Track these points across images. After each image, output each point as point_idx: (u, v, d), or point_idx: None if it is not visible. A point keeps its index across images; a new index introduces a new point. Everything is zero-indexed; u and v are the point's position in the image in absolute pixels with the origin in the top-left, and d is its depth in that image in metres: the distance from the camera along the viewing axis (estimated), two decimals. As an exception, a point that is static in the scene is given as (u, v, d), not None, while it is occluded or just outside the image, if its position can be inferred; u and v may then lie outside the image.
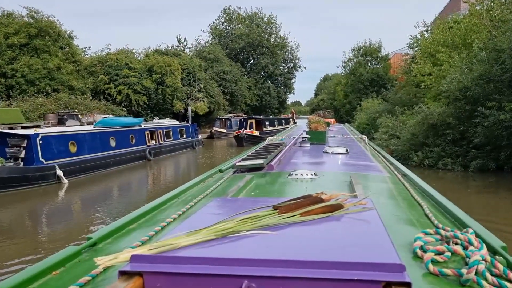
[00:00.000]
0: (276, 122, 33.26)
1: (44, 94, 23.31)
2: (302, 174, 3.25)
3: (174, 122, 24.71)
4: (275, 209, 1.59)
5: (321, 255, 1.18)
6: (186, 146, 24.14)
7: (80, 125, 16.28)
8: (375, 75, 41.35)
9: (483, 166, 12.57)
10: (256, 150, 5.21)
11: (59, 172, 12.81)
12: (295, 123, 33.20)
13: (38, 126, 14.34)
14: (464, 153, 13.48)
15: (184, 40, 43.45)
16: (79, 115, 17.46)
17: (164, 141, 21.28)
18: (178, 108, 31.60)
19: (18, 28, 23.78)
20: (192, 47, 45.93)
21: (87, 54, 33.42)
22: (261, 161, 3.73)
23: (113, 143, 16.51)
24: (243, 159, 4.20)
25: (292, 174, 3.31)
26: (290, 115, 45.40)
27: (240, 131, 26.52)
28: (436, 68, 20.59)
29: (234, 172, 3.75)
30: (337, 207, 1.64)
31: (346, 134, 9.32)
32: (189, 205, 2.37)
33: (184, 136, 24.25)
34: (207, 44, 48.23)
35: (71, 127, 14.94)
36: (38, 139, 12.51)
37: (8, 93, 23.37)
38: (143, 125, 19.49)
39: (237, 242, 1.31)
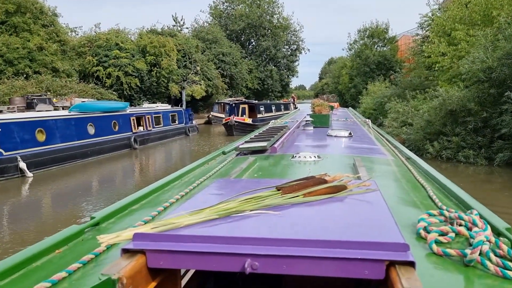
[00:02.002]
0: (273, 108, 29.72)
1: (24, 76, 21.57)
2: (305, 157, 3.22)
3: (166, 107, 22.97)
4: (278, 190, 1.58)
5: (324, 234, 1.18)
6: (178, 133, 22.45)
7: (54, 110, 14.56)
8: (382, 57, 39.30)
9: (511, 159, 10.81)
10: (259, 133, 5.19)
11: (22, 165, 11.18)
12: (296, 108, 31.19)
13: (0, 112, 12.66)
14: (488, 144, 11.70)
15: (181, 20, 41.42)
16: (53, 99, 15.72)
17: (153, 127, 19.58)
18: (174, 91, 29.80)
19: (-5, 4, 21.91)
20: (190, 27, 43.92)
21: (78, 34, 31.64)
22: (264, 144, 3.70)
23: (91, 130, 14.83)
24: (246, 142, 4.17)
25: (295, 156, 3.27)
26: (290, 99, 42.13)
27: (229, 118, 23.19)
28: (452, 48, 18.67)
29: (237, 155, 3.71)
30: (341, 188, 1.64)
31: (349, 118, 9.07)
32: (192, 186, 2.31)
33: (177, 122, 22.53)
34: (206, 24, 46.07)
35: (41, 113, 13.24)
36: (-5, 126, 10.85)
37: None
38: (128, 110, 17.77)
39: (240, 221, 1.31)
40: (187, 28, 42.54)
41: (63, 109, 15.07)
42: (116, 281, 1.02)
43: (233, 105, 25.97)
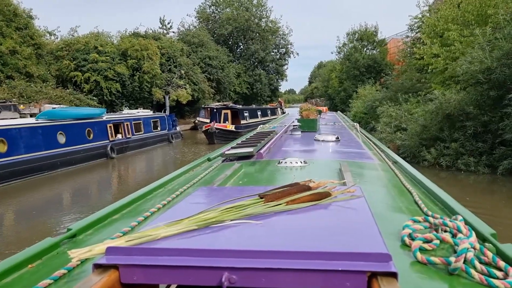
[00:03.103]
0: (259, 113, 27.74)
1: (-4, 81, 20.37)
2: (291, 162, 3.19)
3: (147, 113, 21.85)
4: (261, 198, 1.54)
5: (305, 245, 1.15)
6: (161, 140, 21.33)
7: (21, 117, 13.41)
8: (371, 60, 38.75)
9: (516, 168, 9.95)
10: (246, 138, 5.15)
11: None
12: (283, 113, 30.14)
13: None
14: (489, 150, 10.83)
15: (169, 23, 40.41)
16: (19, 106, 14.56)
17: (133, 134, 18.45)
18: (158, 96, 28.67)
19: (-35, 6, 20.69)
20: (177, 31, 42.87)
21: (57, 38, 30.43)
22: (250, 149, 3.66)
23: (62, 139, 13.68)
24: (232, 148, 4.11)
25: (282, 162, 3.24)
26: (277, 104, 40.79)
27: (210, 125, 20.85)
28: (445, 49, 17.90)
29: (223, 161, 3.66)
30: (325, 195, 1.61)
31: (337, 122, 9.01)
32: (175, 195, 2.27)
33: (159, 128, 21.42)
34: (191, 27, 45.06)
35: (2, 121, 12.09)
36: None
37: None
38: (104, 117, 16.63)
39: (219, 232, 1.26)
40: (173, 32, 41.58)
41: (31, 116, 13.91)
42: None
43: (215, 110, 23.98)
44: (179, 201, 1.79)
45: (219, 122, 22.37)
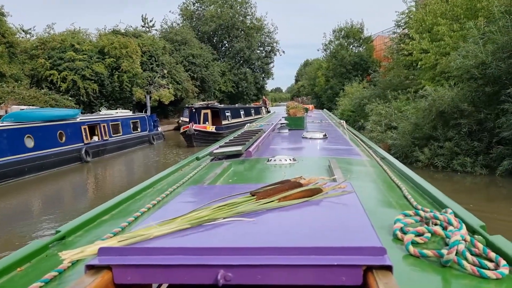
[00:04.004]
0: (242, 113, 25.92)
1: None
2: (280, 160, 3.18)
3: (126, 113, 20.88)
4: (253, 195, 1.54)
5: (300, 241, 1.15)
6: (141, 142, 20.39)
7: (-16, 120, 12.40)
8: (358, 58, 38.31)
9: (515, 168, 9.33)
10: (234, 137, 5.15)
11: None
12: (268, 112, 29.27)
13: None
14: (486, 150, 10.21)
15: (151, 21, 39.31)
16: (-19, 108, 13.56)
17: (110, 136, 17.49)
18: (139, 96, 27.63)
19: None
20: (160, 29, 41.76)
21: (33, 37, 29.17)
22: (239, 148, 3.65)
23: (30, 143, 12.70)
24: (220, 146, 4.09)
25: (271, 160, 3.23)
26: (261, 103, 39.26)
27: (188, 126, 19.08)
28: (435, 44, 17.34)
29: (211, 160, 3.63)
30: (316, 191, 1.62)
31: (324, 120, 8.94)
32: (165, 194, 2.25)
33: (139, 129, 20.47)
34: (175, 25, 44.01)
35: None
36: None
37: None
38: (79, 118, 15.65)
39: (212, 230, 1.26)
40: (156, 30, 40.48)
41: (-4, 119, 12.90)
42: None
43: (194, 110, 22.06)
44: (170, 201, 1.79)
45: (199, 123, 20.85)
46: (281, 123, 6.35)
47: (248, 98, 49.95)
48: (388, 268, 1.00)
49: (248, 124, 8.05)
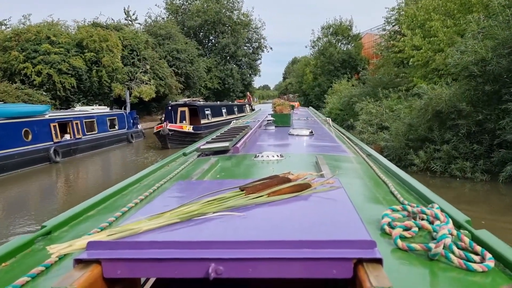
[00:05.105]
0: (224, 111, 23.85)
1: None
2: (268, 156, 3.17)
3: (103, 110, 19.73)
4: (242, 190, 1.55)
5: (290, 234, 1.15)
6: (118, 140, 19.28)
7: None
8: (346, 55, 37.67)
9: (519, 174, 8.54)
10: (220, 133, 5.09)
11: None
12: (253, 109, 28.10)
13: None
14: (486, 153, 9.43)
15: (133, 14, 37.96)
16: None
17: (84, 134, 16.37)
18: (118, 92, 26.40)
19: None
20: (144, 23, 40.43)
21: (9, 28, 27.74)
22: (226, 144, 3.63)
23: (-11, 141, 11.57)
24: (207, 142, 4.06)
25: (258, 156, 3.22)
26: (245, 100, 37.23)
27: (161, 126, 17.25)
28: (427, 40, 16.61)
29: (198, 156, 3.60)
30: (305, 186, 1.63)
31: (310, 117, 8.88)
32: (152, 190, 2.23)
33: (117, 127, 19.36)
34: (159, 19, 42.70)
35: None
36: None
37: None
38: (48, 115, 14.49)
39: (202, 224, 1.27)
40: (139, 23, 39.15)
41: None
42: None
43: (170, 108, 19.99)
44: (158, 195, 1.78)
45: (175, 122, 18.88)
46: (267, 120, 6.31)
47: (235, 95, 48.93)
48: (378, 261, 1.01)
49: (234, 121, 8.07)
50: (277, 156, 3.19)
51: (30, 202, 10.24)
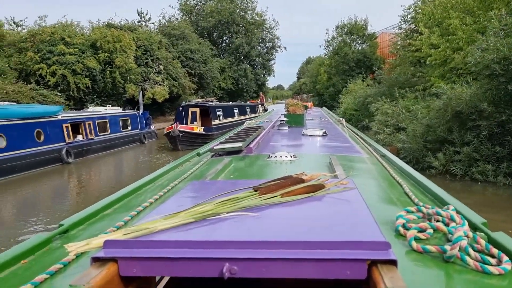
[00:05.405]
0: (236, 111, 23.32)
1: None
2: (281, 156, 3.18)
3: (116, 110, 19.70)
4: (256, 191, 1.55)
5: (304, 235, 1.15)
6: (131, 141, 19.23)
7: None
8: (361, 55, 37.14)
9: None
10: (234, 134, 5.10)
11: None
12: (265, 110, 27.73)
13: None
14: (510, 156, 9.01)
15: (146, 14, 38.07)
16: None
17: (96, 135, 16.33)
18: (132, 93, 26.41)
19: None
20: (156, 22, 40.54)
21: (25, 29, 28.00)
22: (239, 144, 3.65)
23: (1, 142, 11.55)
24: (221, 142, 4.08)
25: (272, 156, 3.23)
26: (258, 100, 36.52)
27: (172, 127, 17.05)
28: (445, 38, 16.12)
29: (212, 156, 3.63)
30: (319, 187, 1.63)
31: (323, 117, 8.83)
32: (166, 189, 2.26)
33: (129, 127, 19.31)
34: (173, 19, 42.74)
35: None
36: None
37: None
38: (60, 116, 14.48)
39: (216, 224, 1.28)
40: (153, 23, 39.25)
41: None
42: None
43: (180, 109, 19.73)
44: (173, 195, 1.81)
45: (186, 123, 18.55)
46: (280, 120, 6.30)
47: (248, 95, 48.72)
48: (393, 263, 1.00)
49: (248, 121, 8.06)
50: (290, 156, 3.18)
51: (43, 202, 10.16)
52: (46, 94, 21.33)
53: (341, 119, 8.19)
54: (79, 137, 15.32)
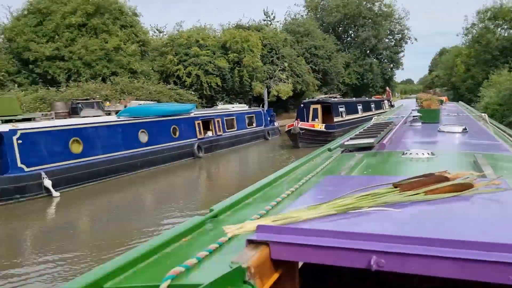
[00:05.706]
0: (359, 107, 21.99)
1: (101, 78, 20.94)
2: (417, 153, 3.01)
3: (242, 108, 20.60)
4: (395, 187, 1.52)
5: (459, 234, 1.07)
6: (256, 137, 19.93)
7: (105, 115, 12.95)
8: (508, 42, 32.78)
9: None
10: (363, 130, 4.96)
11: (47, 182, 9.50)
12: (392, 106, 26.06)
13: (30, 120, 11.23)
14: None
15: (272, 13, 39.07)
16: (104, 103, 14.19)
17: (224, 131, 17.30)
18: (258, 91, 27.42)
19: (76, 6, 21.56)
20: (281, 20, 41.37)
21: (165, 34, 31.08)
22: (371, 140, 3.56)
23: (144, 137, 12.95)
24: (351, 138, 4.03)
25: (406, 153, 3.08)
26: (384, 95, 34.72)
27: (293, 124, 16.76)
28: None
29: (342, 151, 3.56)
30: (467, 186, 1.53)
31: (461, 113, 8.38)
32: (301, 182, 2.28)
33: (254, 124, 20.04)
34: (298, 16, 43.10)
35: (83, 119, 11.63)
36: (15, 137, 9.30)
37: (68, 77, 21.44)
38: (193, 113, 15.67)
39: (359, 217, 1.29)
40: (278, 21, 40.16)
41: (116, 114, 13.42)
42: (246, 270, 1.03)
43: (302, 106, 19.22)
44: (310, 188, 1.88)
45: (307, 120, 18.13)
46: (413, 116, 6.07)
47: (374, 91, 46.85)
48: None
49: (375, 117, 7.87)
50: (427, 153, 3.02)
51: (178, 194, 11.15)
52: (182, 93, 23.36)
53: (483, 114, 7.72)
54: (209, 133, 16.40)
